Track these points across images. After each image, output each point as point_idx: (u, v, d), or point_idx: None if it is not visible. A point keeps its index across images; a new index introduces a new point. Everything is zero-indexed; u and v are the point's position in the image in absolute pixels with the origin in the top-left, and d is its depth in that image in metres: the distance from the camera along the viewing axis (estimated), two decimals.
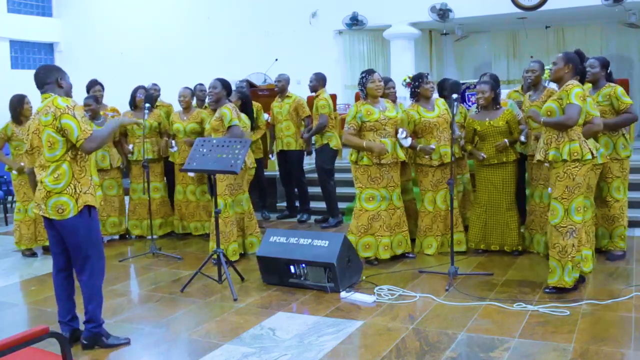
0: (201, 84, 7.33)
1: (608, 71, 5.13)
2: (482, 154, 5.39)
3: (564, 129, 4.21)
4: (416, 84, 5.53)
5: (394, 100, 5.93)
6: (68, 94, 3.67)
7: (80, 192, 3.57)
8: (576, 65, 4.28)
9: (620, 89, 4.99)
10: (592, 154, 4.19)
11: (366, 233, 5.30)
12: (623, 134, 5.10)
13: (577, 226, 4.25)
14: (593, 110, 4.38)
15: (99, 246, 3.73)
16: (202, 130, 6.38)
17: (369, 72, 5.30)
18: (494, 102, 5.45)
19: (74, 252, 3.64)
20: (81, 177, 3.60)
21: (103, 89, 6.83)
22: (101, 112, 6.51)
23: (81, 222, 3.58)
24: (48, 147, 3.51)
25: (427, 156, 5.42)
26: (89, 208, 3.61)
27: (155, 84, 7.34)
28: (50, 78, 3.63)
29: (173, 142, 6.58)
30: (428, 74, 5.63)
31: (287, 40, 12.26)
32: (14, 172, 6.12)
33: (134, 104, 6.81)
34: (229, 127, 5.40)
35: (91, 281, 3.67)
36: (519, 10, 10.97)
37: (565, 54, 4.34)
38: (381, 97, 5.40)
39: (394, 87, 6.03)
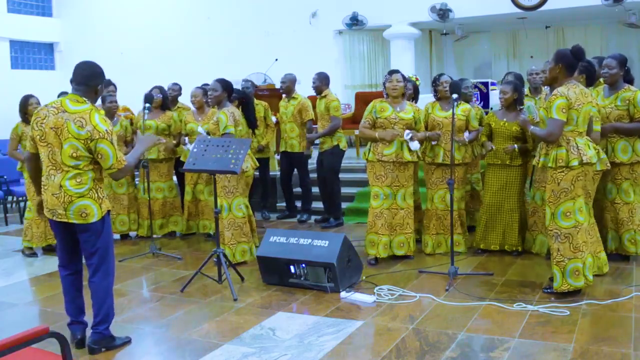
0: (207, 84, 7.30)
1: (626, 68, 4.94)
2: (491, 145, 5.39)
3: (546, 142, 4.20)
4: (433, 85, 5.68)
5: (412, 100, 5.95)
6: (94, 103, 3.58)
7: (103, 197, 3.56)
8: (569, 63, 4.13)
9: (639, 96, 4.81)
10: (582, 160, 4.10)
11: (371, 230, 5.34)
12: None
13: (564, 231, 4.20)
14: (595, 125, 4.33)
15: (113, 247, 3.75)
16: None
17: (390, 72, 5.39)
18: (515, 103, 5.41)
19: (92, 254, 3.61)
20: (101, 184, 3.59)
21: (116, 88, 6.81)
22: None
23: (104, 227, 3.59)
24: (72, 157, 3.43)
25: (434, 142, 5.45)
26: (108, 212, 3.63)
27: (176, 84, 7.24)
28: (94, 81, 3.53)
29: (187, 139, 6.53)
30: (442, 74, 5.68)
31: (287, 40, 12.27)
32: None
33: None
34: (223, 134, 5.38)
35: (105, 282, 3.67)
36: (519, 10, 10.98)
37: (556, 53, 4.23)
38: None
39: (410, 89, 6.04)
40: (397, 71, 5.39)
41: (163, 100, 6.71)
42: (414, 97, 6.22)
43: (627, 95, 4.84)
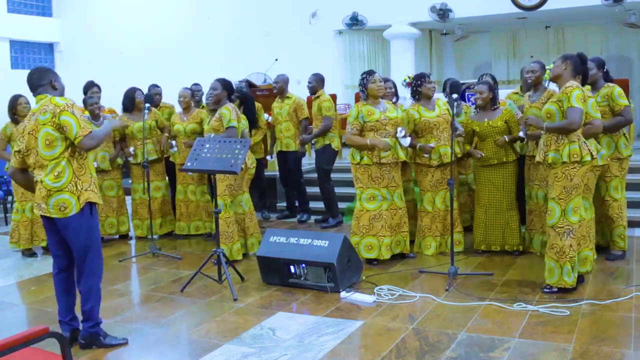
0: (197, 84, 7.32)
1: (605, 70, 5.09)
2: (480, 153, 5.39)
3: (567, 133, 4.19)
4: (418, 83, 5.54)
5: (393, 100, 5.94)
6: (62, 95, 3.66)
7: (82, 189, 3.57)
8: (575, 64, 4.24)
9: (617, 90, 4.95)
10: (592, 155, 4.18)
11: (368, 233, 5.30)
12: (624, 134, 5.07)
13: (574, 227, 4.24)
14: (594, 112, 4.36)
15: (98, 244, 3.73)
16: (202, 131, 6.36)
17: (370, 73, 5.30)
18: (492, 103, 5.45)
19: (77, 250, 3.62)
20: (81, 175, 3.59)
21: (100, 90, 6.82)
22: (99, 114, 6.50)
23: (83, 220, 3.58)
24: (46, 145, 3.50)
25: (426, 155, 5.42)
26: (90, 205, 3.61)
27: (156, 85, 7.30)
28: (43, 80, 3.63)
29: (174, 142, 6.57)
30: (430, 73, 5.66)
31: (287, 40, 12.27)
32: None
33: (131, 107, 6.66)
34: (227, 128, 5.41)
35: (89, 280, 3.67)
36: (519, 10, 10.98)
37: (564, 54, 4.35)
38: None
39: (391, 88, 6.03)
40: (374, 71, 5.35)
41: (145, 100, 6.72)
42: (395, 95, 6.20)
43: (606, 91, 4.98)
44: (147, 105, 6.18)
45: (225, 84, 5.61)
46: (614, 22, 11.83)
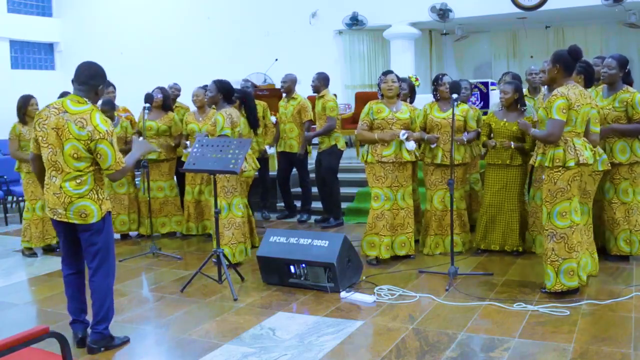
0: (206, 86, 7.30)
1: (626, 70, 4.90)
2: (494, 141, 5.38)
3: (547, 143, 4.21)
4: (434, 85, 5.65)
5: (405, 100, 5.94)
6: (95, 103, 3.59)
7: (103, 198, 3.58)
8: (565, 64, 4.16)
9: (638, 97, 4.79)
10: (579, 160, 4.10)
11: (371, 232, 5.33)
12: (638, 137, 4.94)
13: (559, 231, 4.20)
14: (593, 126, 4.34)
15: (114, 248, 3.76)
16: None
17: (385, 73, 5.40)
18: (516, 104, 5.41)
19: (93, 254, 3.61)
20: (102, 185, 3.60)
21: (115, 89, 6.81)
22: (115, 113, 6.48)
23: (104, 227, 3.59)
24: (73, 157, 3.44)
25: (433, 145, 5.45)
26: (108, 213, 3.64)
27: (176, 84, 7.25)
28: (95, 80, 3.54)
29: (188, 143, 6.52)
30: (444, 75, 5.67)
31: (287, 40, 12.28)
32: (29, 171, 6.03)
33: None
34: (219, 136, 5.34)
35: (105, 282, 3.68)
36: (519, 10, 10.99)
37: (554, 54, 4.26)
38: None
39: (405, 89, 6.01)
40: (391, 72, 5.41)
41: (164, 100, 6.70)
42: (410, 96, 6.21)
43: (625, 96, 4.84)
44: (147, 105, 6.17)
45: (221, 86, 5.48)
46: (614, 22, 11.84)
